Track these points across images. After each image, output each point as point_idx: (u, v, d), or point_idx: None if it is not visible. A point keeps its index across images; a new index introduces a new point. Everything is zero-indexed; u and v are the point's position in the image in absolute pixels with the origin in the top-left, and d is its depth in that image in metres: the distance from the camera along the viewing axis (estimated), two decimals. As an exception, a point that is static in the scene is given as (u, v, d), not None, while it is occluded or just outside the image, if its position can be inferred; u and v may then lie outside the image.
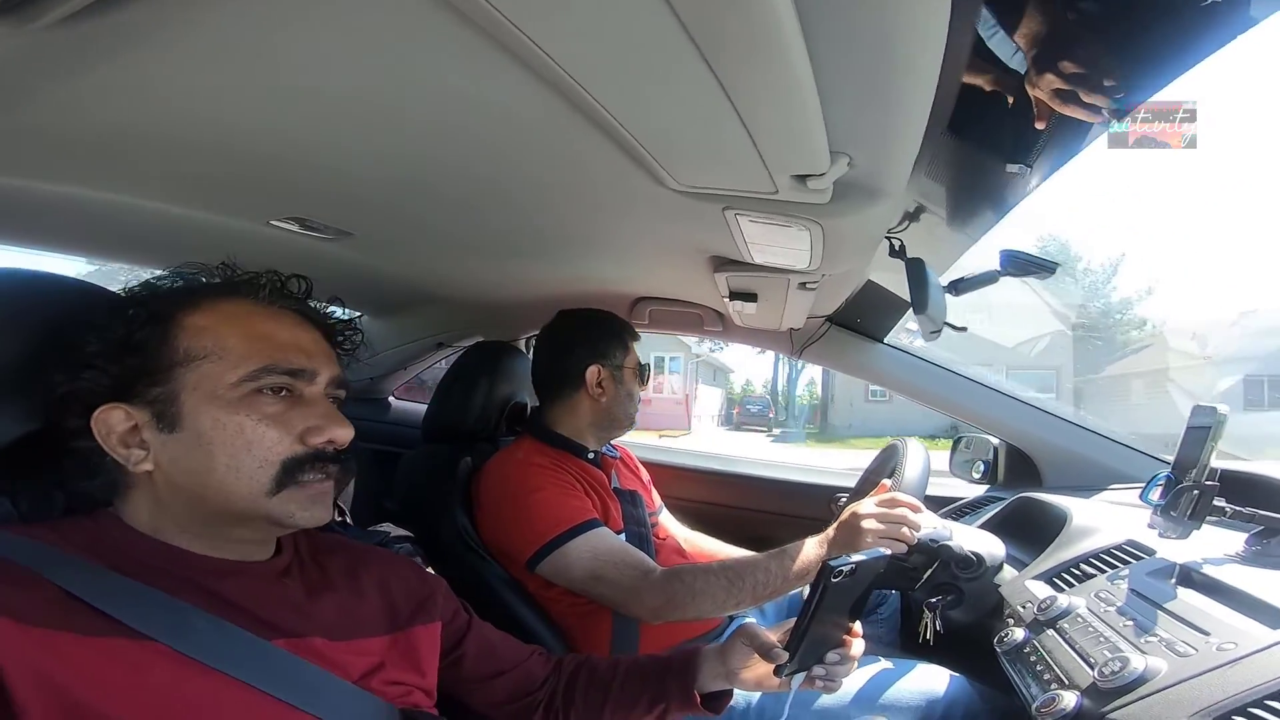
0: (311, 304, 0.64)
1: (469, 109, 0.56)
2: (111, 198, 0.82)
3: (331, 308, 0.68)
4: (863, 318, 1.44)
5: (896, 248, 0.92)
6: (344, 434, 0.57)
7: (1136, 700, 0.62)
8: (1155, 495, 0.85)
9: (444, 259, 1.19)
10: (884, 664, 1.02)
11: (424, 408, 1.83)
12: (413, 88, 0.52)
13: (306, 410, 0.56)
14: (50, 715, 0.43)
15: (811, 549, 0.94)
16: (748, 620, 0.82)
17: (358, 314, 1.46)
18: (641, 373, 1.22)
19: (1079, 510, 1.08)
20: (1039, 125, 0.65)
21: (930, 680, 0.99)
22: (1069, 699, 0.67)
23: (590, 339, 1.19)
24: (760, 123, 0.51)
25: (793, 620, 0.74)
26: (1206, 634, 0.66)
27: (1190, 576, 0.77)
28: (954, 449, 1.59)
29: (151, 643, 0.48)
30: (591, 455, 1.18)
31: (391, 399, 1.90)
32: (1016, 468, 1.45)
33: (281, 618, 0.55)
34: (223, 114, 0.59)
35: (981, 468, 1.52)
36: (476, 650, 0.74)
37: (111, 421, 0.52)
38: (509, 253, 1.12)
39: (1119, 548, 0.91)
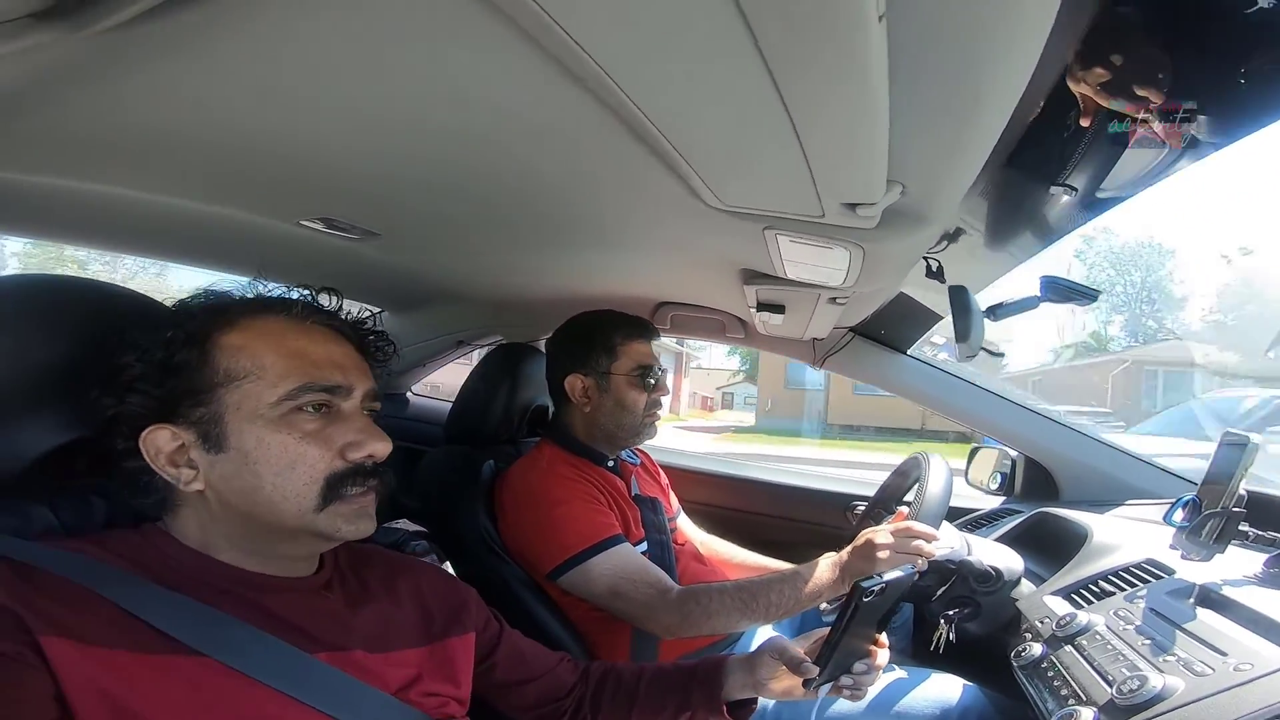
0: (343, 314, 0.63)
1: (505, 114, 0.54)
2: (150, 198, 0.82)
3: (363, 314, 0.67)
4: (887, 329, 1.42)
5: (934, 269, 0.90)
6: (383, 448, 0.57)
7: (1154, 718, 0.63)
8: (1179, 517, 0.86)
9: (468, 259, 1.18)
10: (898, 673, 1.02)
11: (441, 404, 1.84)
12: (448, 92, 0.51)
13: (345, 425, 0.56)
14: None
15: (825, 571, 0.93)
16: (775, 635, 0.83)
17: (378, 310, 1.46)
18: (644, 377, 1.13)
19: (1099, 527, 1.07)
20: (1084, 122, 0.60)
21: (944, 689, 1.00)
22: (1086, 715, 0.67)
23: (568, 348, 1.15)
24: (821, 151, 0.50)
25: (818, 631, 0.76)
26: (1224, 654, 0.66)
27: (1209, 597, 0.77)
28: (970, 459, 1.57)
29: (205, 659, 0.48)
30: (611, 463, 1.17)
31: (410, 395, 1.90)
32: (1034, 480, 1.44)
33: (324, 630, 0.56)
34: (258, 117, 0.58)
35: (999, 479, 1.51)
36: (507, 659, 0.75)
37: (159, 442, 0.52)
38: (533, 254, 1.11)
39: (1139, 566, 0.91)
